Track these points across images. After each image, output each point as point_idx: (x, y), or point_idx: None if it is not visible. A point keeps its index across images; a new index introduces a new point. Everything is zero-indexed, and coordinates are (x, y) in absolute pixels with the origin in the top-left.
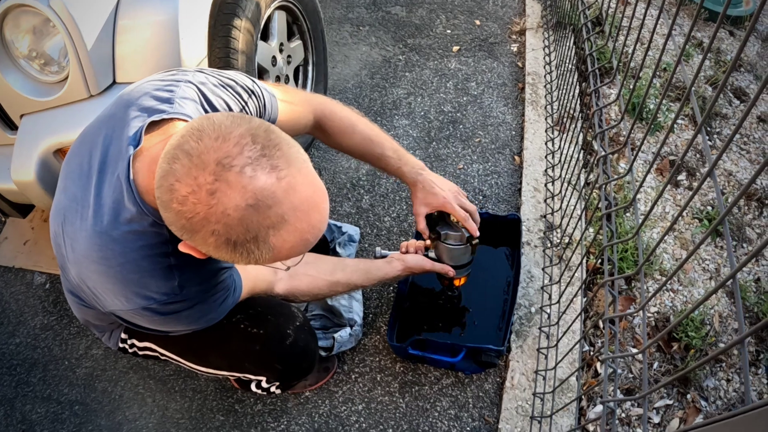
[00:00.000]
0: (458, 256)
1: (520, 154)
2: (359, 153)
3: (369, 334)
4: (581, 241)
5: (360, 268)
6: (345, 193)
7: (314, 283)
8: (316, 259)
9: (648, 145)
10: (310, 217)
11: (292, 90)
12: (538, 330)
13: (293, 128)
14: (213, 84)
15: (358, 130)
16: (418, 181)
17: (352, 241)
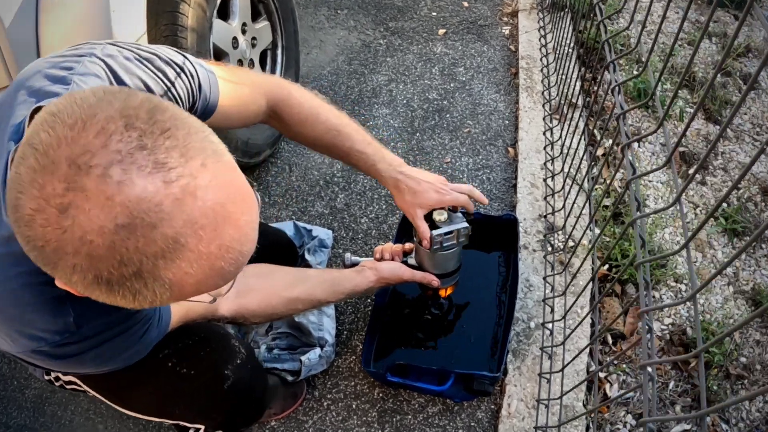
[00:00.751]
0: (443, 261)
1: (514, 146)
2: (324, 146)
3: (343, 354)
4: (593, 249)
5: (325, 280)
6: (317, 192)
7: (268, 301)
8: (271, 271)
9: (657, 135)
10: (220, 236)
11: (239, 70)
12: (538, 349)
13: (241, 115)
14: (126, 58)
15: (322, 118)
16: (399, 181)
17: (323, 246)
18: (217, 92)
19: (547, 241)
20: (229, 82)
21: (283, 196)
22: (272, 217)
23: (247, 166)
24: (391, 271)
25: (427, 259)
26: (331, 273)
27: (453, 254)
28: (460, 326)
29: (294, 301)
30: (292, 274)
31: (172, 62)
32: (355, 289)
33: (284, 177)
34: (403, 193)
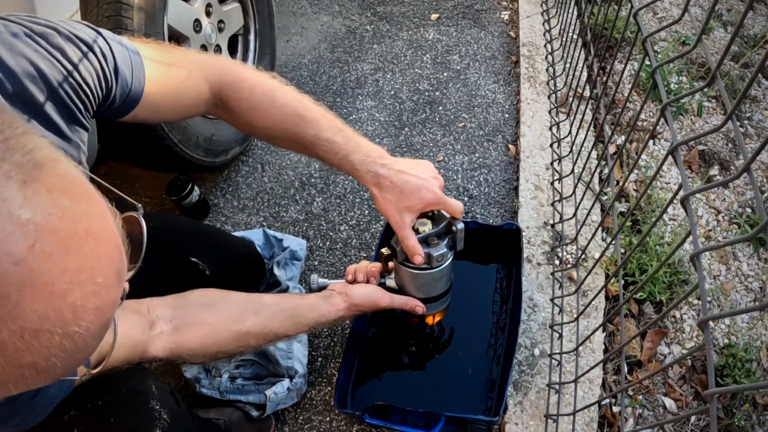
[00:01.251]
0: (429, 282)
1: (515, 143)
2: (283, 137)
3: (317, 385)
4: (598, 262)
5: (283, 310)
6: (292, 195)
7: (212, 337)
8: (217, 298)
9: (670, 132)
10: (19, 314)
11: (174, 49)
12: (543, 382)
13: (177, 104)
14: (13, 34)
15: (278, 103)
16: (381, 176)
17: (295, 259)
18: (143, 76)
19: (555, 255)
20: (159, 64)
21: (253, 200)
22: (240, 224)
23: (213, 166)
24: (364, 297)
25: (410, 280)
26: (291, 300)
27: (442, 274)
28: (452, 357)
29: (245, 337)
30: (242, 303)
31: (76, 39)
32: (320, 319)
33: (255, 178)
34: (385, 191)
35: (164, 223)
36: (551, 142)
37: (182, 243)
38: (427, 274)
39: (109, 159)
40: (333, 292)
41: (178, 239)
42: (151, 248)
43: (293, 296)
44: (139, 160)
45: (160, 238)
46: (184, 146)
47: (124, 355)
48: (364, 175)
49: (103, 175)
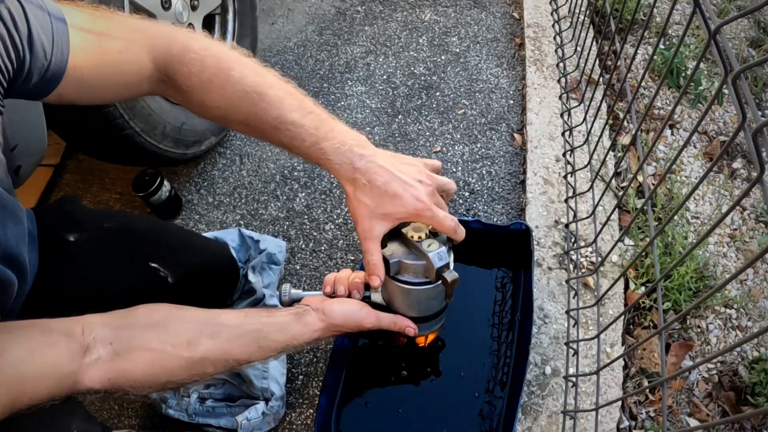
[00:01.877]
0: (423, 301)
1: (521, 131)
2: (239, 118)
3: (297, 407)
4: (601, 264)
5: (247, 332)
6: (272, 190)
7: (159, 365)
8: (167, 317)
9: (690, 120)
10: None
11: (114, 15)
12: (556, 406)
13: (111, 82)
14: None
15: (234, 77)
16: (357, 170)
17: (273, 263)
18: (66, 48)
19: (569, 259)
20: (89, 33)
21: (230, 196)
22: (215, 223)
23: (185, 159)
24: (346, 316)
25: (401, 297)
26: (256, 320)
27: (439, 290)
28: (451, 379)
29: (200, 364)
30: (197, 324)
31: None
32: (291, 342)
33: (233, 171)
34: (360, 191)
35: (121, 223)
36: (563, 130)
37: (141, 246)
38: (422, 291)
39: (78, 153)
40: (307, 308)
41: (137, 241)
42: (103, 252)
43: (260, 313)
44: (98, 151)
45: (115, 240)
46: (148, 136)
47: (47, 390)
48: (337, 167)
49: (72, 170)
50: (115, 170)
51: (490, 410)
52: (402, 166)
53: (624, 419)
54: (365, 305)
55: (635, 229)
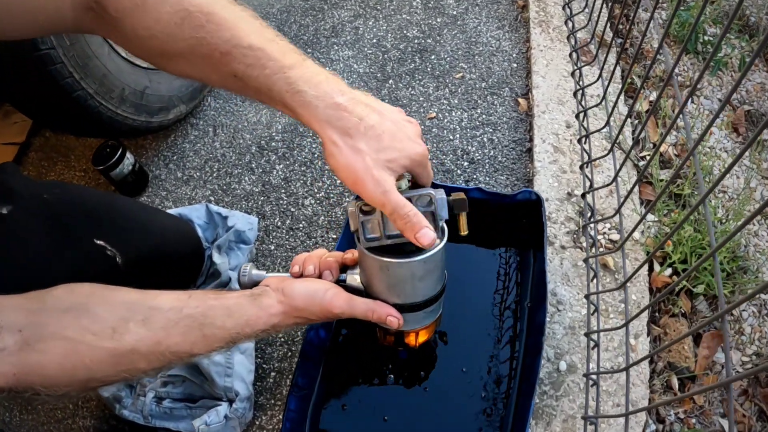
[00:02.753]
0: (409, 279)
1: (526, 96)
2: (179, 48)
3: (268, 409)
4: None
5: (188, 315)
6: (247, 162)
7: (77, 357)
8: (92, 297)
9: (710, 88)
10: None
11: None
12: (572, 408)
13: (24, 8)
14: None
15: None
16: (341, 107)
17: (242, 242)
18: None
19: (587, 235)
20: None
21: (201, 170)
22: (183, 199)
23: (149, 128)
24: (308, 297)
25: (380, 275)
26: (201, 302)
27: (429, 265)
28: (449, 378)
29: (128, 357)
30: (126, 306)
31: None
32: (243, 330)
33: (205, 143)
34: (354, 135)
35: (64, 195)
36: (575, 90)
37: (86, 220)
38: (405, 265)
39: (44, 131)
40: (266, 288)
41: (81, 216)
42: (39, 227)
43: (206, 295)
44: (49, 118)
45: (55, 214)
46: (103, 99)
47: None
48: (312, 104)
49: (37, 148)
50: (81, 147)
51: (497, 415)
52: (382, 104)
53: (651, 422)
54: (335, 286)
55: (661, 204)
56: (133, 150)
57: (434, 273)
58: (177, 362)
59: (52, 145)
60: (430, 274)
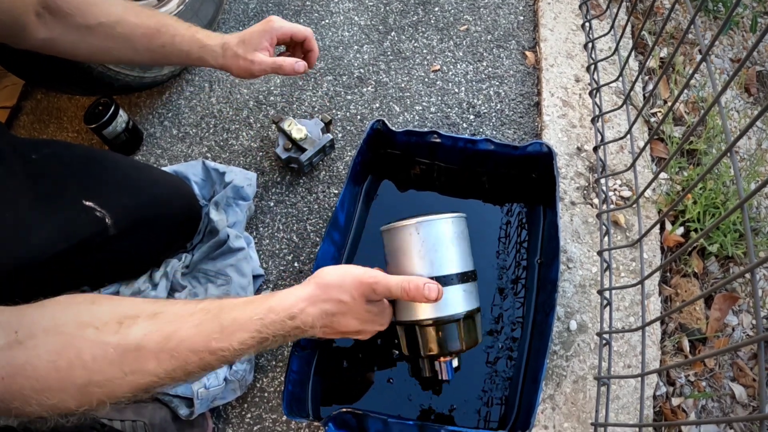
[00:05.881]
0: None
1: (534, 49)
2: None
3: (269, 370)
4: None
5: (203, 309)
6: (245, 117)
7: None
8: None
9: (721, 47)
10: None
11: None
12: (583, 369)
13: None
14: None
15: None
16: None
17: (240, 198)
18: None
19: (599, 190)
20: None
21: (197, 126)
22: (179, 157)
23: (142, 84)
24: (341, 274)
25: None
26: (218, 299)
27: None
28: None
29: (133, 354)
30: (134, 302)
31: None
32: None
33: (201, 99)
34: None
35: (51, 154)
36: (585, 42)
37: (74, 181)
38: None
39: (35, 93)
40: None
41: (68, 175)
42: (26, 189)
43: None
44: (39, 76)
45: (42, 175)
46: None
47: None
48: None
49: (28, 111)
50: (73, 108)
51: (507, 374)
52: None
53: (661, 384)
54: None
55: (674, 161)
56: (127, 108)
57: (462, 242)
58: (195, 363)
59: (44, 107)
60: (459, 241)
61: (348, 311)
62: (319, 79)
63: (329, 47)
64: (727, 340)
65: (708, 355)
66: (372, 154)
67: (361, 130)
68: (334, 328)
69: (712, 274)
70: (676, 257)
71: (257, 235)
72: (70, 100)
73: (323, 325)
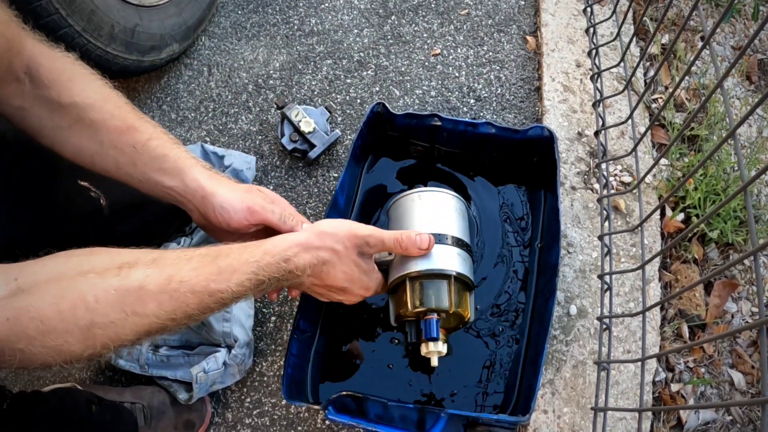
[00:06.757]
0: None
1: (534, 34)
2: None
3: (269, 354)
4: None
5: (201, 254)
6: (244, 101)
7: (77, 295)
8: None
9: (722, 35)
10: None
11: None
12: (582, 354)
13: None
14: None
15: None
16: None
17: (240, 181)
18: None
19: (600, 175)
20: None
21: (195, 110)
22: (179, 140)
23: (140, 68)
24: (335, 224)
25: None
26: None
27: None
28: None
29: (137, 296)
30: (132, 252)
31: None
32: (264, 257)
33: (200, 83)
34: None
35: None
36: (587, 26)
37: (69, 161)
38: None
39: None
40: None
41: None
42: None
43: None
44: None
45: (37, 157)
46: (92, 37)
47: None
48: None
49: None
50: None
51: (506, 360)
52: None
53: (660, 370)
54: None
55: (674, 147)
56: (125, 93)
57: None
58: (195, 305)
59: None
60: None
61: (338, 261)
62: (318, 62)
63: (329, 31)
64: (726, 326)
65: (708, 339)
66: (372, 137)
67: (361, 114)
68: (322, 279)
69: (712, 261)
70: (677, 243)
71: None
72: None
73: (313, 274)
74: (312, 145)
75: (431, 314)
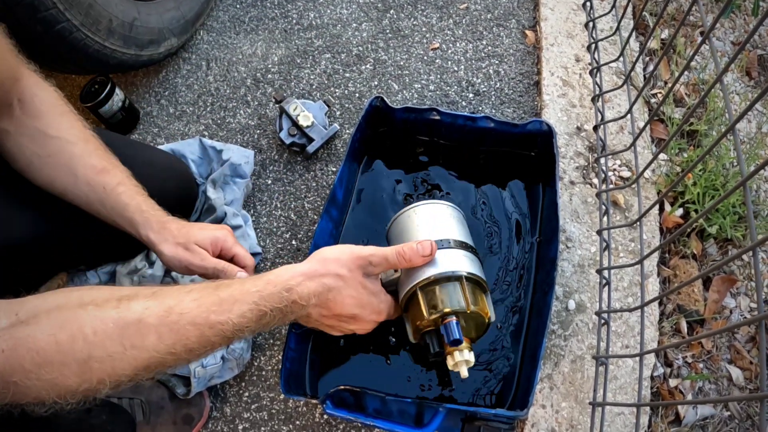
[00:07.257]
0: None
1: (534, 28)
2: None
3: (267, 349)
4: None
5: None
6: (242, 95)
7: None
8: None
9: (722, 30)
10: None
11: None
12: (581, 348)
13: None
14: None
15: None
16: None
17: (238, 176)
18: None
19: (599, 169)
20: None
21: (194, 105)
22: (176, 136)
23: (139, 62)
24: (338, 250)
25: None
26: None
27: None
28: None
29: (134, 327)
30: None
31: None
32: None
33: (198, 77)
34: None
35: None
36: (586, 21)
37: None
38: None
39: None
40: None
41: None
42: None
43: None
44: (34, 54)
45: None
46: (90, 32)
47: None
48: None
49: None
50: (69, 87)
51: (505, 354)
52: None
53: (659, 365)
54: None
55: (673, 142)
56: (123, 87)
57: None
58: (195, 338)
59: None
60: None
61: (344, 286)
62: (317, 57)
63: (327, 25)
64: (724, 322)
65: (707, 334)
66: (371, 131)
67: (360, 108)
68: (329, 308)
69: (710, 256)
70: (676, 238)
71: (255, 213)
72: (65, 79)
73: (319, 303)
74: (310, 139)
75: (449, 317)
